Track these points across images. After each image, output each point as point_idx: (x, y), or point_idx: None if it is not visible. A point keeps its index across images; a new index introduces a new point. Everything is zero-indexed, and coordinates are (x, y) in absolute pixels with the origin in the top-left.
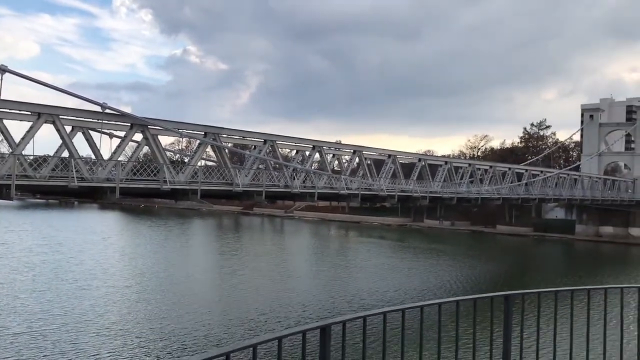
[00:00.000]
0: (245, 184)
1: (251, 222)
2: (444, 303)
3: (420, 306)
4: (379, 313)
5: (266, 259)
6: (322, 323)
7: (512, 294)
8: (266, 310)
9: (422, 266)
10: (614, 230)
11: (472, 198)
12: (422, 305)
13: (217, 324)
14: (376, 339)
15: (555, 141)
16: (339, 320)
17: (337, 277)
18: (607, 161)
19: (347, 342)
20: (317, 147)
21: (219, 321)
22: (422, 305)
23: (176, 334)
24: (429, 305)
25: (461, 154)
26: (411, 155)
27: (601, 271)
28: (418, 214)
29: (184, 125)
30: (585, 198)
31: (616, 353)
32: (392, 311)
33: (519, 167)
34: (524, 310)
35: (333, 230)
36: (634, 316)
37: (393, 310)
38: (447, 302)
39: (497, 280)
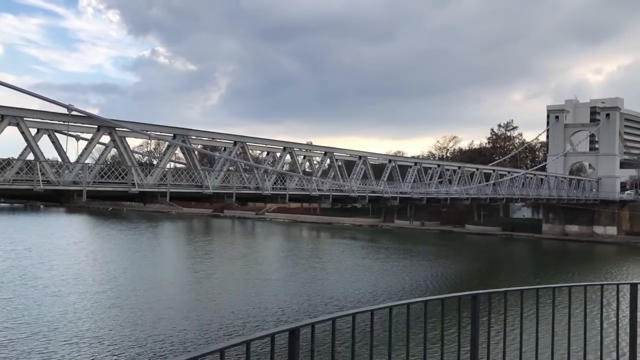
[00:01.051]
0: (215, 186)
1: (222, 225)
2: (412, 303)
3: (389, 307)
4: (347, 315)
5: (237, 262)
6: (291, 326)
7: (479, 293)
8: (236, 313)
9: (393, 266)
10: (579, 228)
11: (441, 198)
12: (391, 306)
13: (188, 328)
14: (345, 340)
15: (522, 142)
16: (307, 323)
17: (309, 279)
18: (572, 161)
19: (317, 344)
20: (288, 149)
21: (189, 326)
22: (391, 305)
23: (148, 340)
24: (397, 306)
25: (430, 155)
26: (381, 156)
27: (567, 269)
28: (389, 215)
29: (153, 127)
30: (551, 198)
31: (580, 349)
32: (360, 312)
33: (487, 168)
34: (491, 309)
35: (305, 231)
36: (597, 313)
37: (361, 312)
38: (416, 302)
39: (466, 280)
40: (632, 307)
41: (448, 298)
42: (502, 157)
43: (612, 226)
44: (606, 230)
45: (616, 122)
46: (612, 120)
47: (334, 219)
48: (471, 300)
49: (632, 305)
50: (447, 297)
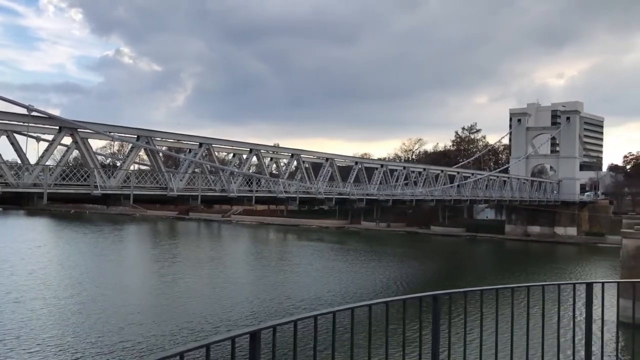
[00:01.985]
0: (180, 188)
1: (187, 227)
2: (374, 304)
3: (351, 308)
4: (309, 317)
5: (203, 265)
6: (252, 328)
7: (440, 293)
8: (201, 317)
9: (360, 268)
10: (540, 229)
11: (407, 200)
12: (353, 307)
13: (152, 334)
14: (307, 343)
15: (485, 144)
16: (269, 325)
17: (274, 282)
18: (534, 163)
19: (278, 347)
20: (255, 151)
21: (153, 331)
22: (353, 307)
23: (112, 348)
24: (359, 307)
25: (396, 157)
26: (348, 158)
27: (529, 269)
28: (355, 216)
29: (116, 128)
30: (514, 199)
31: (538, 347)
32: (322, 314)
33: (451, 170)
34: (452, 309)
35: (271, 233)
36: (555, 312)
37: (324, 314)
38: (377, 303)
39: (431, 280)
40: (588, 306)
41: (409, 299)
42: (466, 160)
43: (572, 227)
44: (566, 231)
45: (576, 126)
46: (572, 123)
47: (301, 221)
48: (432, 300)
49: (588, 304)
50: (408, 298)
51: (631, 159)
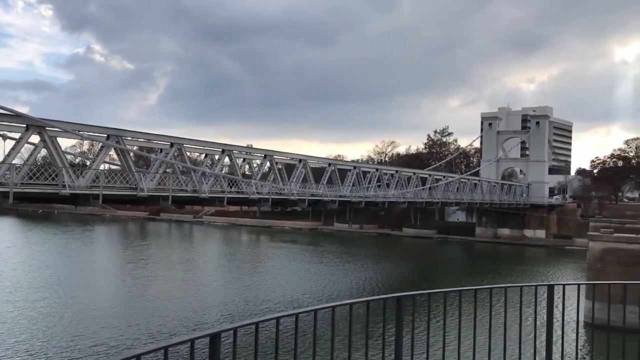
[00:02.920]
0: (150, 189)
1: (158, 228)
2: (337, 306)
3: (314, 310)
4: (271, 319)
5: (172, 267)
6: (212, 331)
7: (403, 295)
8: (167, 319)
9: (332, 269)
10: (510, 232)
11: (379, 202)
12: (316, 309)
13: (114, 336)
14: (269, 345)
15: (457, 147)
16: (229, 328)
17: (245, 284)
18: (504, 167)
19: (239, 349)
20: (227, 151)
21: (116, 333)
22: (316, 309)
23: (71, 350)
24: (322, 309)
25: (369, 159)
26: (321, 160)
27: (498, 270)
28: (328, 218)
29: (85, 127)
30: (484, 202)
31: (500, 348)
32: (285, 316)
33: (423, 172)
34: (416, 311)
35: (244, 235)
36: (517, 313)
37: (286, 316)
38: (341, 305)
39: (402, 281)
40: (549, 307)
41: (373, 300)
42: (438, 162)
43: (541, 229)
44: (535, 234)
45: (545, 130)
46: (541, 128)
47: (273, 223)
48: (396, 302)
49: (549, 305)
50: (372, 300)
51: (598, 164)
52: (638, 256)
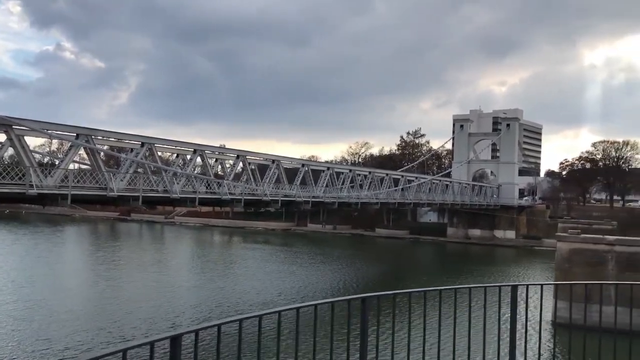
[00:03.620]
0: (120, 189)
1: (128, 229)
2: (301, 307)
3: (277, 311)
4: (234, 320)
5: (143, 268)
6: (173, 333)
7: (368, 296)
8: (132, 321)
9: (305, 270)
10: (481, 232)
11: (352, 202)
12: (280, 311)
13: (76, 339)
14: (232, 348)
15: (429, 149)
16: (191, 330)
17: (215, 285)
18: (475, 168)
19: (200, 352)
20: (199, 151)
21: (77, 336)
22: (280, 310)
23: (42, 352)
24: (286, 310)
25: (343, 160)
26: (295, 160)
27: (468, 270)
28: (301, 219)
29: (54, 125)
30: (455, 203)
31: (465, 348)
32: (248, 318)
33: (396, 173)
34: (381, 311)
35: (216, 236)
36: (481, 313)
37: (249, 317)
38: (305, 306)
39: (373, 281)
40: (513, 307)
41: (338, 301)
42: (411, 164)
43: (511, 230)
44: (505, 234)
45: (516, 132)
46: (512, 130)
47: (246, 223)
48: (361, 303)
49: (513, 305)
50: (336, 301)
51: (567, 166)
52: (604, 256)
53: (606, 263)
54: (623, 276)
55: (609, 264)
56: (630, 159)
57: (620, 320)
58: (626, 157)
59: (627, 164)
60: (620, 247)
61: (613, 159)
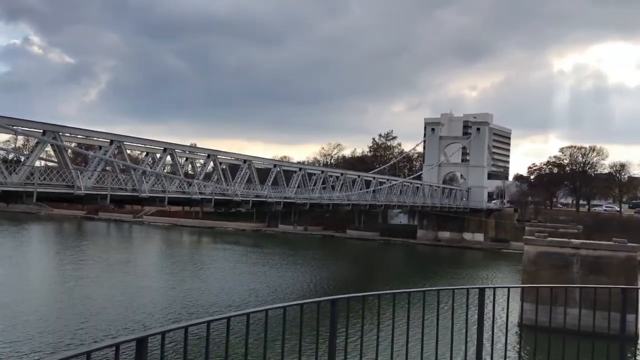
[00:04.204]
0: (88, 187)
1: (95, 228)
2: (270, 309)
3: (246, 313)
4: (201, 322)
5: (109, 268)
6: (139, 335)
7: (338, 298)
8: (98, 323)
9: (274, 272)
10: (450, 235)
11: (324, 204)
12: (249, 312)
13: (38, 341)
14: (199, 350)
15: (400, 151)
16: (157, 332)
17: (184, 286)
18: (445, 171)
19: (167, 354)
20: (169, 150)
21: (39, 338)
22: (249, 312)
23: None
24: (255, 312)
25: (315, 161)
26: (267, 161)
27: (438, 272)
28: (273, 219)
29: (20, 121)
30: (425, 205)
31: (433, 350)
32: (215, 320)
33: (368, 175)
34: (350, 313)
35: (185, 236)
36: (450, 315)
37: (217, 319)
38: (274, 308)
39: (343, 282)
40: (480, 310)
41: (307, 303)
42: (382, 166)
43: (479, 233)
44: (474, 237)
45: (485, 136)
46: (482, 134)
47: (216, 223)
48: (330, 305)
49: (480, 307)
50: (306, 303)
51: (534, 170)
52: (569, 259)
53: (571, 266)
54: (587, 279)
55: (574, 266)
56: (596, 164)
57: (584, 322)
58: (592, 162)
59: (593, 169)
60: (586, 250)
61: (580, 165)
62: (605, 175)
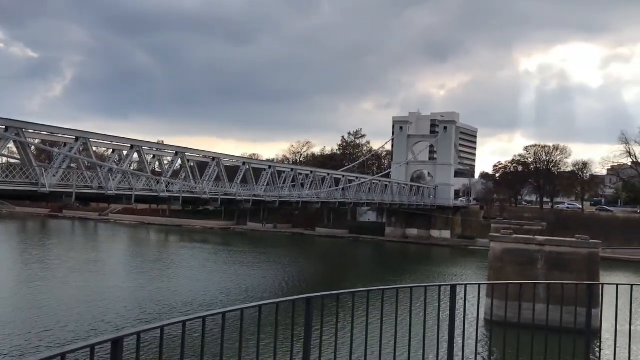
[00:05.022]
0: (52, 185)
1: (60, 226)
2: (246, 308)
3: (222, 313)
4: (177, 322)
5: (74, 268)
6: (114, 335)
7: (313, 296)
8: (66, 325)
9: (244, 270)
10: (418, 232)
11: (294, 201)
12: (224, 312)
13: (6, 344)
14: (174, 349)
15: (369, 149)
16: (132, 332)
17: (151, 286)
18: (413, 169)
19: (142, 355)
20: (136, 147)
21: (7, 341)
22: (224, 311)
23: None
24: (231, 312)
25: (285, 159)
26: (236, 158)
27: (406, 269)
28: (241, 217)
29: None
30: (394, 203)
31: (405, 344)
32: (191, 320)
33: (337, 173)
34: (325, 312)
35: (152, 234)
36: (422, 311)
37: (193, 319)
38: (250, 307)
39: (313, 280)
40: (452, 306)
41: (282, 302)
42: (351, 164)
43: (446, 230)
44: (441, 234)
45: (452, 135)
46: (449, 133)
47: (184, 222)
48: (305, 303)
49: (452, 304)
50: (281, 301)
51: (500, 168)
52: (534, 256)
53: (536, 262)
54: (552, 275)
55: (539, 263)
56: (560, 163)
57: (552, 317)
58: (556, 161)
59: (557, 167)
60: (550, 247)
61: (544, 163)
62: (568, 174)
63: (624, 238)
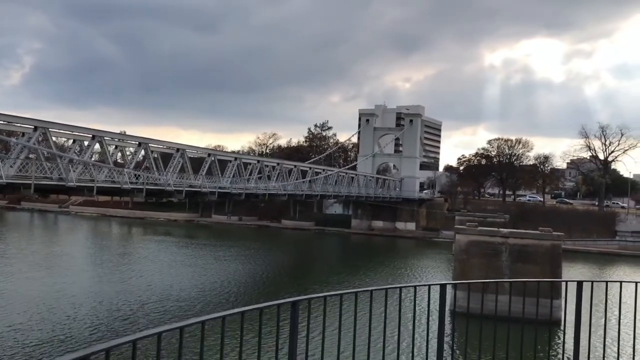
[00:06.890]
0: (9, 176)
1: (17, 218)
2: (228, 315)
3: (201, 321)
4: (152, 335)
5: (29, 264)
6: (82, 353)
7: (299, 299)
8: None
9: (209, 265)
10: (383, 224)
11: (260, 194)
12: (204, 320)
13: None
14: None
15: (336, 142)
16: (101, 349)
17: (110, 286)
18: (379, 162)
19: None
20: (98, 137)
21: None
22: (204, 319)
23: None
24: (210, 320)
25: (251, 151)
26: (201, 149)
27: (372, 261)
28: (206, 209)
29: None
30: (360, 195)
31: (394, 344)
32: (168, 331)
33: (304, 165)
34: (311, 314)
35: (114, 227)
36: (396, 312)
37: (169, 330)
38: (232, 314)
39: (283, 277)
40: (441, 306)
41: (267, 307)
42: (318, 156)
43: (411, 222)
44: (407, 226)
45: (418, 128)
46: (414, 126)
47: (147, 214)
48: (291, 307)
49: (441, 303)
50: (265, 306)
51: (464, 161)
52: (498, 248)
53: (501, 254)
54: (515, 266)
55: (503, 255)
56: (522, 156)
57: (515, 309)
58: (518, 154)
59: (519, 161)
60: (514, 239)
61: (506, 156)
62: (530, 167)
63: (583, 230)
